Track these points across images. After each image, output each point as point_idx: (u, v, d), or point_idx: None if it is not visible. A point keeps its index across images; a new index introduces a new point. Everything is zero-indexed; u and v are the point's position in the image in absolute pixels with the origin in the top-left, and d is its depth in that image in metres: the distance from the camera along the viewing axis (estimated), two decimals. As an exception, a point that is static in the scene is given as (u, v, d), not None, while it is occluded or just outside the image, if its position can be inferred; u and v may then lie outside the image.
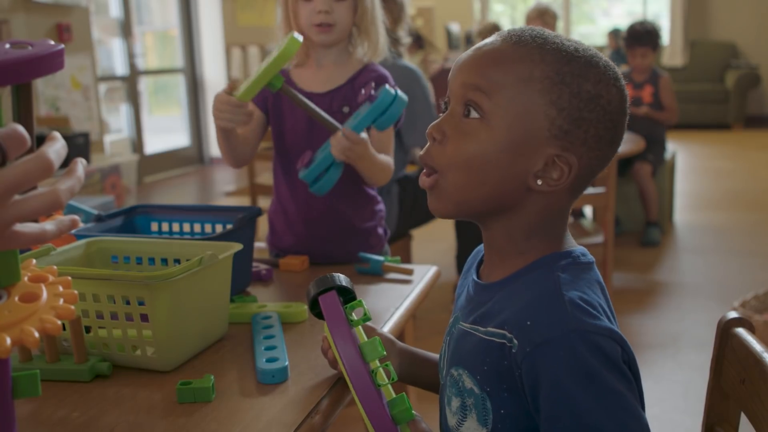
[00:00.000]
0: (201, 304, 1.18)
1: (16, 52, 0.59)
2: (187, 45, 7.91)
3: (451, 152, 0.85)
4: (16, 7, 5.26)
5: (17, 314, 0.62)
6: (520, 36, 0.86)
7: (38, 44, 0.62)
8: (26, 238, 0.58)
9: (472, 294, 0.93)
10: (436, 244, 4.29)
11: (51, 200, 0.58)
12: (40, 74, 0.61)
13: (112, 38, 6.97)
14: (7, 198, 0.56)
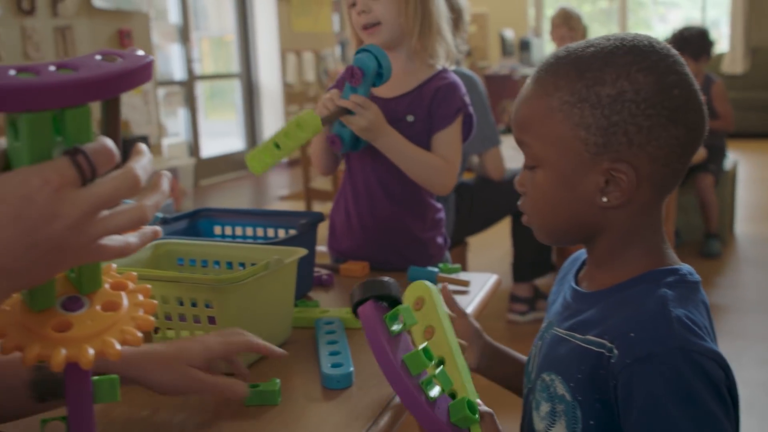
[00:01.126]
0: (266, 307, 1.19)
1: (109, 66, 0.59)
2: (244, 50, 8.01)
3: (528, 203, 0.93)
4: (80, 12, 5.39)
5: (99, 324, 0.63)
6: (538, 72, 0.89)
7: (128, 56, 0.62)
8: (111, 251, 0.58)
9: (570, 301, 0.93)
10: (491, 251, 4.26)
11: (137, 216, 0.59)
12: (132, 87, 0.61)
13: (171, 44, 7.09)
14: (95, 213, 0.56)
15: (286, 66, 8.06)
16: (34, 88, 0.54)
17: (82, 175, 0.56)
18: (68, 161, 0.56)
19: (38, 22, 5.07)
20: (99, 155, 0.58)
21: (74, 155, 0.56)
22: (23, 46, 4.98)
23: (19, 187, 0.54)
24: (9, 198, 0.54)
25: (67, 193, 0.55)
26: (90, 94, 0.57)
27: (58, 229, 0.55)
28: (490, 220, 3.26)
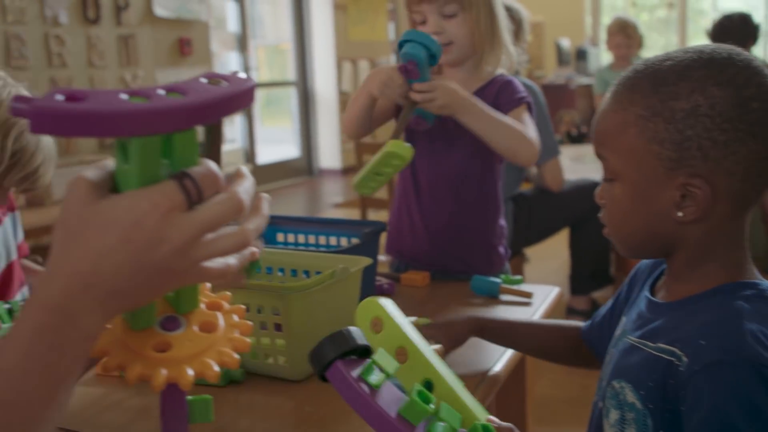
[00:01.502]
0: (331, 316, 1.20)
1: (216, 90, 0.59)
2: (300, 58, 8.09)
3: (607, 215, 0.94)
4: (142, 21, 5.50)
5: (198, 345, 0.64)
6: (617, 85, 0.90)
7: (232, 79, 0.62)
8: (212, 273, 0.59)
9: (644, 310, 0.93)
10: (548, 262, 4.23)
11: (240, 241, 0.59)
12: (237, 110, 0.61)
13: (229, 52, 7.19)
14: (200, 237, 0.57)
15: (341, 74, 8.12)
16: (147, 113, 0.55)
17: (189, 200, 0.57)
18: (176, 185, 0.56)
19: (102, 31, 5.20)
20: (205, 179, 0.58)
21: (182, 179, 0.57)
22: (88, 54, 5.10)
23: (129, 211, 0.55)
24: (119, 222, 0.55)
25: (174, 218, 0.56)
26: (198, 118, 0.58)
27: (164, 253, 0.56)
28: (548, 232, 3.24)
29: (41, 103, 0.53)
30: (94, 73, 5.14)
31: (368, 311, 0.93)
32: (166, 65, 5.73)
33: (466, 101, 1.51)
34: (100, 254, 0.55)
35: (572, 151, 4.14)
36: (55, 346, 0.55)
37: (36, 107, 0.53)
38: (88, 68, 5.10)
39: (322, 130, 8.20)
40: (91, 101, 0.54)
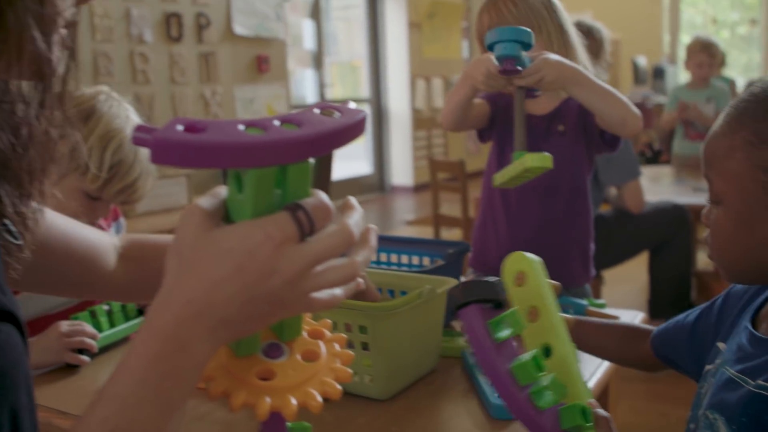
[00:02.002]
0: (417, 335, 1.21)
1: (330, 121, 0.60)
2: (374, 75, 8.16)
3: (710, 238, 0.92)
4: (222, 39, 5.64)
5: (301, 375, 0.64)
6: (729, 107, 0.88)
7: (344, 110, 0.62)
8: (320, 304, 0.59)
9: (746, 343, 0.90)
10: (625, 284, 4.14)
11: (349, 273, 0.59)
12: (349, 141, 0.61)
13: (305, 69, 7.31)
14: (311, 269, 0.57)
15: (415, 91, 8.15)
16: (265, 146, 0.55)
17: (302, 231, 0.57)
18: (289, 217, 0.57)
19: (184, 49, 5.35)
20: (318, 211, 0.58)
21: (295, 211, 0.57)
22: (170, 71, 5.26)
23: (243, 241, 0.56)
24: (233, 251, 0.56)
25: (286, 249, 0.56)
26: (314, 150, 0.58)
27: (276, 284, 0.56)
28: (627, 254, 3.18)
29: (163, 134, 0.54)
30: (175, 89, 5.29)
31: (517, 263, 0.96)
32: (243, 82, 5.85)
33: (575, 71, 1.48)
34: (213, 283, 0.56)
35: (649, 172, 4.06)
36: (168, 374, 0.56)
37: (158, 138, 0.54)
38: (170, 84, 5.25)
39: (394, 146, 8.25)
40: (210, 133, 0.55)
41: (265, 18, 6.01)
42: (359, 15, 8.17)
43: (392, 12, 8.07)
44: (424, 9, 8.20)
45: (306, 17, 7.12)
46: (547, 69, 1.43)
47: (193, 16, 5.40)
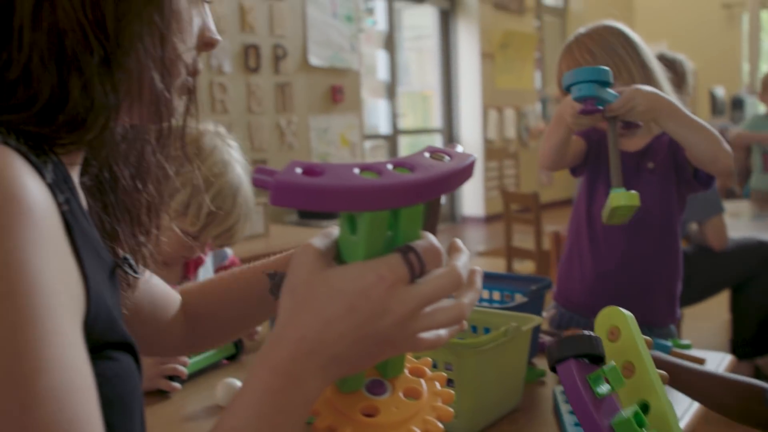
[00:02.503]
0: (501, 372, 1.20)
1: (441, 166, 0.61)
2: (446, 106, 8.20)
3: None
4: (298, 70, 5.76)
5: (404, 412, 0.65)
6: None
7: (454, 154, 0.64)
8: (426, 344, 0.60)
9: None
10: (704, 322, 4.03)
11: (457, 315, 0.60)
12: (459, 185, 0.62)
13: (378, 99, 7.38)
14: (420, 310, 0.58)
15: (487, 122, 8.15)
16: (380, 190, 0.57)
17: (412, 273, 0.58)
18: (401, 259, 0.58)
19: (262, 79, 5.47)
20: (428, 254, 0.60)
21: (406, 253, 0.59)
22: (247, 101, 5.38)
23: (356, 281, 0.58)
24: (346, 291, 0.58)
25: (398, 291, 0.58)
26: (426, 194, 0.59)
27: (386, 324, 0.58)
28: (708, 292, 3.09)
29: (283, 177, 0.56)
30: (252, 118, 5.41)
31: (609, 318, 0.96)
32: (318, 111, 5.95)
33: (668, 103, 1.44)
34: (326, 322, 0.58)
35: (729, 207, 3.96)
36: (281, 409, 0.58)
37: (278, 181, 0.55)
38: (247, 114, 5.37)
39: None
40: (328, 176, 0.57)
41: (339, 49, 6.11)
42: (431, 45, 8.24)
43: (465, 43, 8.11)
44: (497, 40, 8.22)
45: (379, 48, 7.21)
46: (639, 99, 1.41)
47: (271, 47, 5.53)
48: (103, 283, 0.69)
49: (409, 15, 8.17)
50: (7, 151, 0.59)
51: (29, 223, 0.56)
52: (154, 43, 0.69)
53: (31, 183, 0.58)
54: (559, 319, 1.76)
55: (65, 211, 0.62)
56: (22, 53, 0.63)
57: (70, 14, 0.64)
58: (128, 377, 0.68)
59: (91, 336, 0.62)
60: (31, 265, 0.55)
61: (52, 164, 0.64)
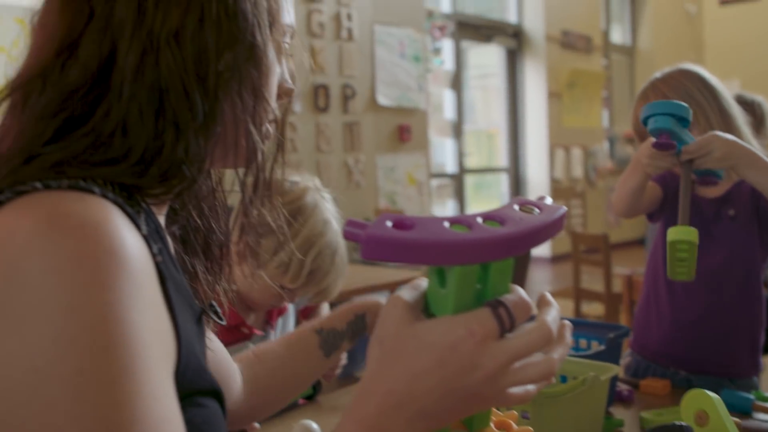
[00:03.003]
0: (578, 421, 1.18)
1: (532, 219, 0.61)
2: (512, 144, 8.18)
3: None
4: (366, 110, 5.83)
5: None
6: None
7: (544, 207, 0.63)
8: (514, 399, 0.60)
9: None
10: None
11: (547, 370, 0.59)
12: (548, 238, 0.62)
13: (444, 137, 7.41)
14: (510, 365, 0.58)
15: (554, 161, 8.10)
16: (471, 244, 0.57)
17: (502, 328, 0.58)
18: (490, 314, 0.58)
19: (330, 119, 5.56)
20: (518, 308, 0.59)
21: (496, 308, 0.58)
22: (316, 140, 5.47)
23: (445, 335, 0.57)
24: (435, 345, 0.57)
25: (488, 346, 0.57)
26: (517, 248, 0.59)
27: (476, 379, 0.57)
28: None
29: (374, 231, 0.56)
30: (320, 157, 5.48)
31: (696, 402, 0.95)
32: (385, 150, 6.00)
33: (748, 152, 1.40)
34: (415, 375, 0.58)
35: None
36: None
37: (369, 235, 0.56)
38: (316, 153, 5.46)
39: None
40: (418, 230, 0.57)
41: (407, 89, 6.17)
42: (496, 84, 8.25)
43: (531, 81, 8.10)
44: (564, 79, 8.19)
45: (446, 87, 7.26)
46: (716, 144, 1.37)
47: (340, 87, 5.62)
48: (192, 331, 0.71)
49: (475, 54, 8.21)
50: (105, 203, 0.61)
51: (127, 276, 0.58)
52: (248, 99, 0.72)
53: (128, 236, 0.60)
54: (635, 367, 1.72)
55: (159, 261, 0.64)
56: (121, 107, 0.66)
57: (173, 70, 0.67)
58: (216, 423, 0.70)
59: (181, 384, 0.64)
60: (128, 318, 0.57)
61: (144, 213, 0.67)
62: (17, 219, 0.58)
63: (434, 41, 6.81)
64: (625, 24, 9.89)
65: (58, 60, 0.67)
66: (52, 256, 0.56)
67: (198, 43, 0.68)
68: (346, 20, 5.66)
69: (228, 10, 0.69)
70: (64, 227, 0.57)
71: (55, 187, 0.61)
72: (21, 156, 0.65)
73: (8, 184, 0.62)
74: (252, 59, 0.71)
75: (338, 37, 5.62)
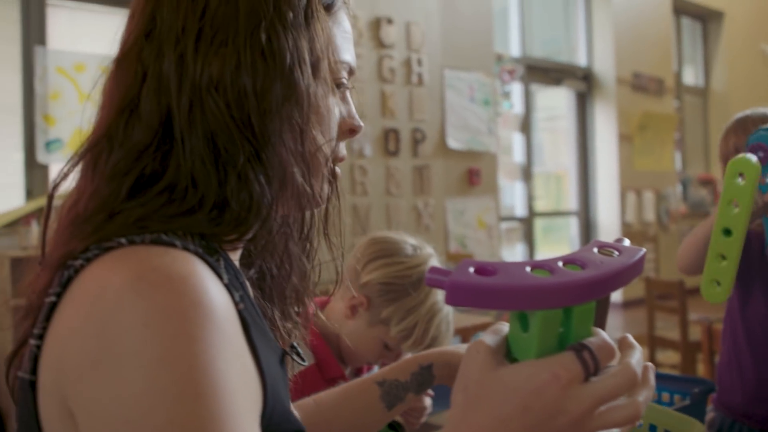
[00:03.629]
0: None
1: (612, 262, 0.61)
2: (582, 187, 8.09)
3: None
4: (436, 154, 5.87)
5: None
6: None
7: (623, 249, 0.63)
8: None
9: None
10: None
11: (632, 414, 0.58)
12: (629, 281, 0.62)
13: (513, 181, 7.38)
14: (595, 409, 0.58)
15: (625, 204, 7.97)
16: (554, 289, 0.57)
17: (587, 372, 0.58)
18: (575, 357, 0.58)
19: (401, 162, 5.60)
20: (601, 351, 0.59)
21: (580, 352, 0.58)
22: (386, 183, 5.51)
23: (530, 380, 0.57)
24: (520, 391, 0.57)
25: (572, 390, 0.57)
26: (599, 291, 0.59)
27: (561, 424, 0.57)
28: None
29: (457, 277, 0.57)
30: (390, 200, 5.52)
31: None
32: (455, 194, 6.01)
33: None
34: (499, 421, 0.58)
35: None
36: None
37: (453, 282, 0.57)
38: (386, 196, 5.50)
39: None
40: (501, 276, 0.58)
41: (477, 132, 6.19)
42: (565, 126, 8.21)
43: (602, 124, 8.03)
44: (635, 121, 8.10)
45: (515, 130, 7.25)
46: None
47: (410, 131, 5.68)
48: (277, 374, 0.72)
49: (543, 96, 8.20)
50: (188, 256, 0.64)
51: (213, 327, 0.60)
52: (295, 138, 0.73)
53: (212, 287, 0.62)
54: (719, 425, 1.68)
55: (241, 309, 0.66)
56: (186, 160, 0.69)
57: (217, 115, 0.70)
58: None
59: (268, 428, 0.65)
60: (216, 368, 0.59)
61: (223, 260, 0.69)
62: (107, 275, 0.61)
63: (503, 85, 6.83)
64: (698, 65, 9.76)
65: (120, 121, 0.71)
66: (142, 311, 0.58)
67: (237, 88, 0.70)
68: (417, 65, 5.73)
69: (263, 51, 0.71)
70: (152, 282, 0.59)
71: (139, 242, 0.64)
72: (103, 213, 0.68)
73: (94, 240, 0.65)
74: (293, 97, 0.72)
75: (408, 81, 5.69)
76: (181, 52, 0.71)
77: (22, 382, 0.66)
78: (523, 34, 7.36)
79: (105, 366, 0.58)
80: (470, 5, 6.20)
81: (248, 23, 0.71)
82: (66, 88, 3.99)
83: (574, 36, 8.18)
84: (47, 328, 0.63)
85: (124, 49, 0.74)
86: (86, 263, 0.63)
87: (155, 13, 0.72)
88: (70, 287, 0.63)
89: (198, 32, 0.71)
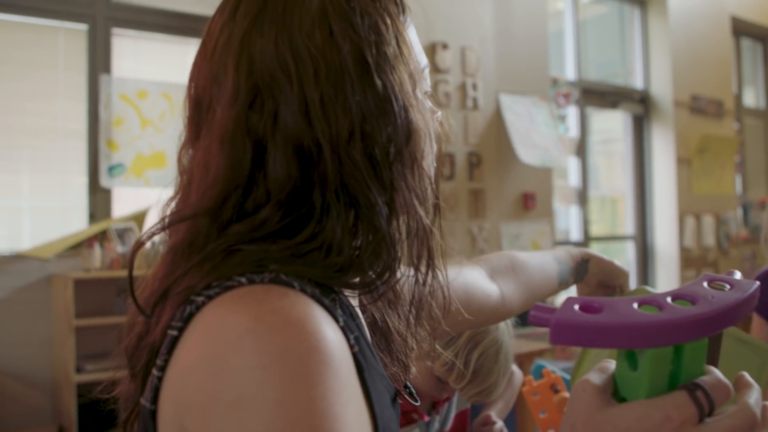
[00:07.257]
0: None
1: (724, 297, 0.59)
2: (639, 212, 7.97)
3: None
4: (492, 177, 5.84)
5: None
6: None
7: (735, 283, 0.61)
8: None
9: None
10: None
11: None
12: (742, 317, 0.60)
13: (568, 205, 7.31)
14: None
15: (683, 229, 7.82)
16: (664, 326, 0.56)
17: (701, 412, 0.55)
18: (687, 397, 0.56)
19: (456, 186, 5.59)
20: (716, 390, 0.57)
21: (693, 391, 0.56)
22: (441, 207, 5.50)
23: (641, 421, 0.55)
24: (631, 431, 0.56)
25: (686, 431, 0.55)
26: (710, 328, 0.58)
27: None
28: None
29: (562, 315, 0.56)
30: (445, 224, 5.48)
31: None
32: (510, 218, 5.97)
33: None
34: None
35: None
36: None
37: (558, 320, 0.56)
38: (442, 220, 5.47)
39: (660, 286, 7.89)
40: (607, 313, 0.57)
41: (545, 150, 6.14)
42: (620, 148, 8.10)
43: (659, 148, 7.91)
44: (694, 144, 7.96)
45: (570, 154, 7.18)
46: None
47: (465, 155, 5.66)
48: (390, 416, 0.72)
49: (598, 119, 8.11)
50: (305, 299, 0.64)
51: (330, 372, 0.59)
52: (413, 175, 0.74)
53: (329, 331, 0.62)
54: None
55: (356, 352, 0.66)
56: (323, 225, 0.69)
57: (354, 172, 0.69)
58: None
59: None
60: (332, 412, 0.58)
61: (339, 302, 0.69)
62: (228, 315, 0.62)
63: (559, 109, 6.78)
64: (759, 87, 9.56)
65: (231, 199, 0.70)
66: (260, 354, 0.58)
67: (369, 140, 0.70)
68: (472, 90, 5.72)
69: (380, 97, 0.71)
70: (270, 325, 0.60)
71: (258, 281, 0.64)
72: (222, 252, 0.68)
73: (215, 278, 0.66)
74: (410, 137, 0.73)
75: (464, 106, 5.69)
76: (305, 111, 0.69)
77: (143, 410, 0.66)
78: (578, 57, 7.31)
79: (223, 405, 0.58)
80: (525, 29, 6.18)
81: (358, 69, 0.71)
82: (129, 114, 4.07)
83: (631, 59, 8.09)
84: (169, 360, 0.64)
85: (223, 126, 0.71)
86: (208, 300, 0.64)
87: (256, 79, 0.70)
88: (192, 322, 0.64)
89: (320, 91, 0.69)
